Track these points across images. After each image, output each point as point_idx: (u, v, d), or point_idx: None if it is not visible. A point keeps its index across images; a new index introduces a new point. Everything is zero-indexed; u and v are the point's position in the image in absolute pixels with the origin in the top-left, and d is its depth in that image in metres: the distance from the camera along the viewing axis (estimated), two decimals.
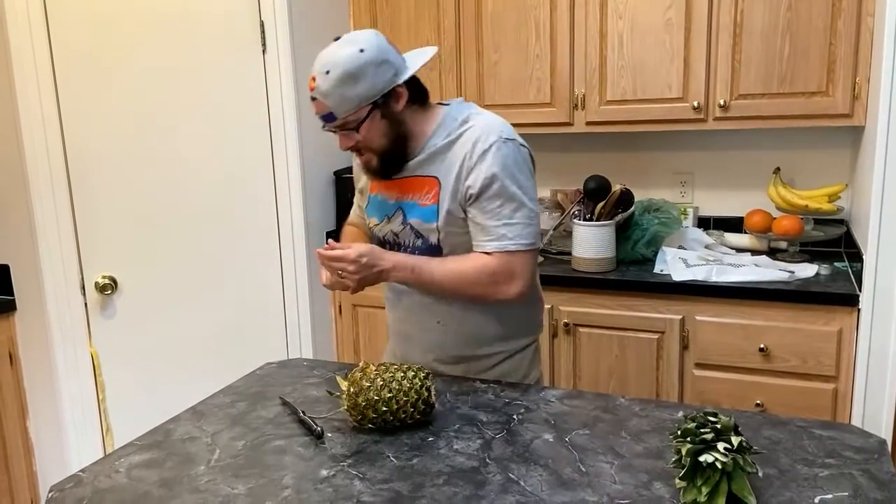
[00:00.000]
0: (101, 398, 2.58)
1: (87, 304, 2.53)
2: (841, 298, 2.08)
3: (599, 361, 2.40)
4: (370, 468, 1.18)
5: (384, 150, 1.49)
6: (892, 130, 1.92)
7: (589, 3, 2.47)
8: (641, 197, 2.63)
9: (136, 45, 2.40)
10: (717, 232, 2.68)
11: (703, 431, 1.03)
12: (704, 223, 2.76)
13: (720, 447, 0.99)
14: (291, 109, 2.48)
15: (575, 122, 2.58)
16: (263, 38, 2.45)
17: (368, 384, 1.27)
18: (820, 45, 2.24)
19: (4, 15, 2.32)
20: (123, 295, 2.53)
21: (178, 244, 2.52)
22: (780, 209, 2.51)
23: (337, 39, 1.42)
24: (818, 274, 2.27)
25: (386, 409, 1.27)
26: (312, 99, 1.43)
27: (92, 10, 2.36)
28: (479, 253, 1.48)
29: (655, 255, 2.49)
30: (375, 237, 1.63)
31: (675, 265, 2.36)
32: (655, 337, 2.32)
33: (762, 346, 2.17)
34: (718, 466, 0.98)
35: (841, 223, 2.55)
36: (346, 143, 1.48)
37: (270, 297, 2.60)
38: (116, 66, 2.41)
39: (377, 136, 1.46)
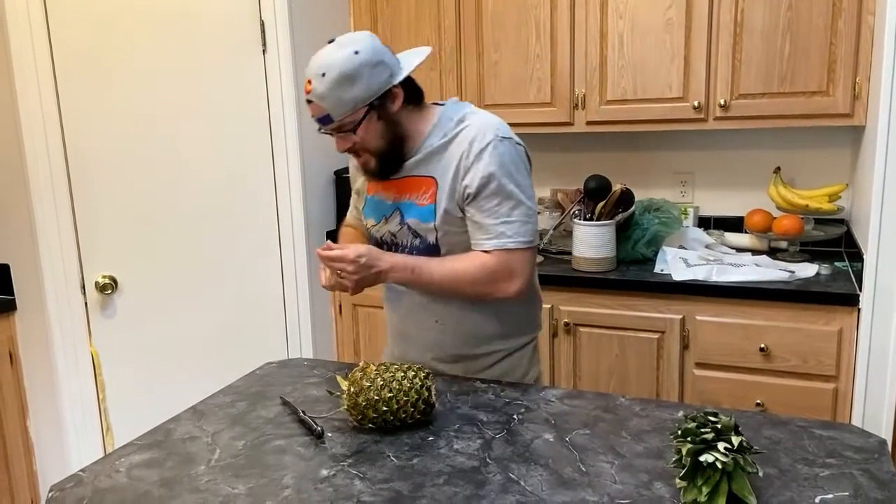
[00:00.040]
0: (101, 398, 2.58)
1: (87, 303, 2.53)
2: (841, 298, 2.08)
3: (600, 361, 2.40)
4: (370, 468, 1.18)
5: (381, 151, 1.49)
6: (892, 130, 1.91)
7: (589, 2, 2.47)
8: (642, 196, 2.63)
9: (136, 44, 2.40)
10: (717, 232, 2.68)
11: (703, 431, 1.03)
12: (705, 223, 2.76)
13: (720, 447, 0.99)
14: (292, 109, 2.48)
15: (575, 121, 2.58)
16: (264, 37, 2.45)
17: (369, 384, 1.27)
18: (820, 44, 2.24)
19: (5, 15, 2.32)
20: (123, 294, 2.53)
21: (178, 244, 2.52)
22: (780, 209, 2.50)
23: (331, 42, 1.42)
24: (818, 274, 2.27)
25: (386, 408, 1.27)
26: (308, 102, 1.43)
27: (92, 9, 2.36)
28: (477, 252, 1.48)
29: (656, 254, 2.49)
30: (373, 238, 1.63)
31: (675, 265, 2.36)
32: (656, 337, 2.32)
33: (762, 345, 2.17)
34: (719, 466, 0.98)
35: (841, 223, 2.55)
36: (343, 145, 1.48)
37: (271, 296, 2.60)
38: (117, 65, 2.41)
39: (374, 137, 1.46)
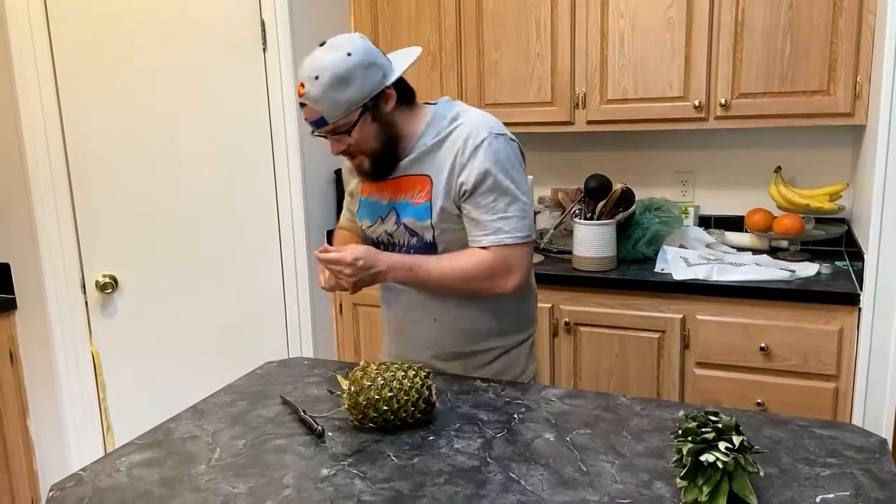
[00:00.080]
0: (101, 397, 2.58)
1: (87, 302, 2.53)
2: (842, 297, 2.08)
3: (600, 360, 2.40)
4: (371, 467, 1.17)
5: (376, 151, 1.49)
6: (893, 129, 1.91)
7: (590, 1, 2.47)
8: (642, 196, 2.63)
9: (136, 43, 2.40)
10: (717, 231, 2.68)
11: (704, 431, 1.03)
12: (705, 222, 2.76)
13: (721, 446, 0.99)
14: (292, 108, 2.48)
15: (576, 121, 2.58)
16: (264, 36, 2.44)
17: (369, 383, 1.27)
18: (821, 43, 2.24)
19: (5, 15, 2.32)
20: (124, 294, 2.53)
21: (178, 243, 2.52)
22: (781, 208, 2.50)
23: (322, 45, 1.42)
24: (819, 273, 2.27)
25: (387, 408, 1.27)
26: (301, 105, 1.43)
27: (92, 8, 2.36)
28: (475, 248, 1.49)
29: (656, 254, 2.49)
30: (369, 239, 1.63)
31: (675, 264, 2.36)
32: (656, 336, 2.31)
33: (763, 345, 2.16)
34: (719, 466, 0.98)
35: (842, 222, 2.55)
36: (337, 147, 1.49)
37: (271, 295, 2.60)
38: (117, 64, 2.40)
39: (369, 138, 1.47)
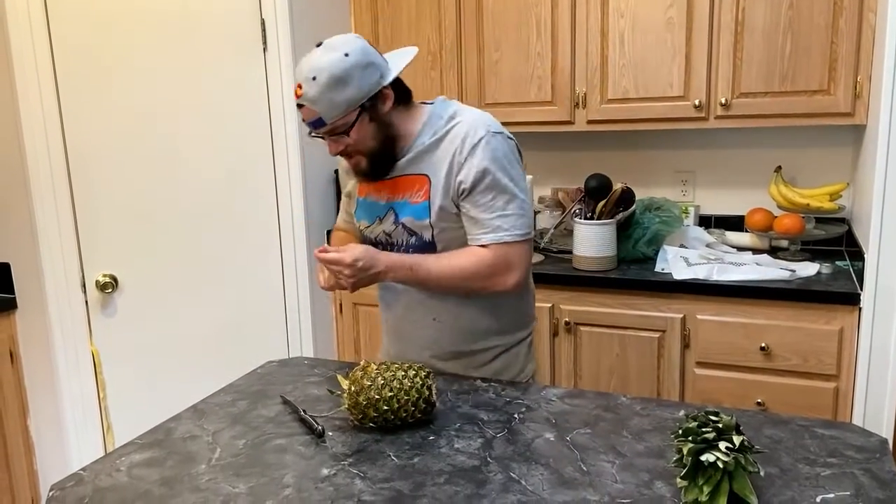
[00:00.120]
0: (101, 396, 2.58)
1: (87, 302, 2.53)
2: (842, 297, 2.08)
3: (600, 360, 2.40)
4: (371, 467, 1.17)
5: (373, 152, 1.49)
6: (893, 129, 1.91)
7: (590, 1, 2.47)
8: (642, 195, 2.63)
9: (136, 43, 2.40)
10: (718, 230, 2.68)
11: (704, 430, 1.03)
12: (705, 222, 2.76)
13: (722, 446, 0.99)
14: (292, 107, 2.48)
15: (576, 120, 2.58)
16: (264, 36, 2.44)
17: (369, 383, 1.27)
18: (821, 43, 2.24)
19: (5, 14, 2.32)
20: (124, 293, 2.53)
21: (178, 243, 2.52)
22: (781, 208, 2.50)
23: (319, 45, 1.42)
24: (819, 273, 2.27)
25: (387, 407, 1.27)
26: (299, 106, 1.43)
27: (92, 8, 2.36)
28: (474, 246, 1.49)
29: (656, 253, 2.49)
30: (367, 239, 1.63)
31: (676, 264, 2.36)
32: (656, 336, 2.31)
33: (763, 344, 2.16)
34: (720, 466, 0.98)
35: (842, 222, 2.55)
36: (335, 148, 1.49)
37: (271, 295, 2.60)
38: (117, 64, 2.40)
39: (366, 138, 1.47)
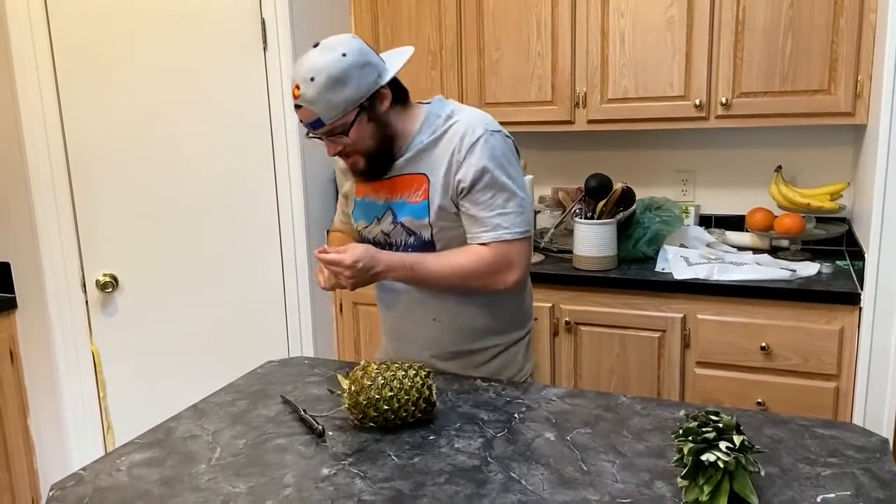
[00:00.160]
0: (101, 396, 2.58)
1: (87, 301, 2.53)
2: (843, 297, 2.08)
3: (601, 360, 2.40)
4: (371, 467, 1.17)
5: (372, 151, 1.49)
6: (893, 129, 1.91)
7: (590, 0, 2.46)
8: (643, 195, 2.63)
9: (137, 42, 2.39)
10: (718, 230, 2.67)
11: (704, 430, 1.03)
12: (706, 221, 2.76)
13: (722, 446, 0.99)
14: (292, 107, 2.47)
15: (576, 120, 2.58)
16: (264, 35, 2.44)
17: (369, 382, 1.27)
18: (822, 42, 2.24)
19: (5, 13, 2.32)
20: (124, 293, 2.53)
21: (179, 242, 2.52)
22: (781, 207, 2.50)
23: (316, 46, 1.42)
24: (820, 272, 2.26)
25: (387, 407, 1.27)
26: (297, 107, 1.43)
27: (92, 7, 2.36)
28: (474, 245, 1.50)
29: (657, 253, 2.49)
30: (365, 239, 1.63)
31: (676, 263, 2.35)
32: (657, 335, 2.31)
33: (763, 344, 2.16)
34: (720, 465, 0.98)
35: (843, 221, 2.55)
36: (333, 148, 1.49)
37: (271, 295, 2.60)
38: (117, 63, 2.40)
39: (365, 138, 1.47)
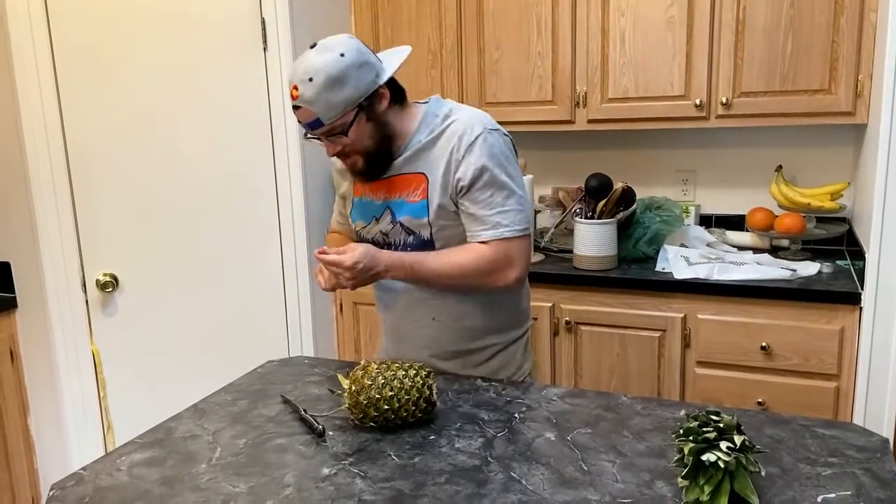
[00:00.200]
0: (102, 396, 2.58)
1: (88, 301, 2.53)
2: (843, 297, 2.08)
3: (601, 360, 2.39)
4: (371, 467, 1.17)
5: (370, 151, 1.50)
6: (894, 128, 1.91)
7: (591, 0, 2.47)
8: (643, 195, 2.63)
9: (137, 42, 2.39)
10: (718, 230, 2.67)
11: (705, 430, 1.03)
12: (706, 221, 2.76)
13: (723, 446, 0.99)
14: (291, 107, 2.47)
15: (576, 119, 2.57)
16: (265, 35, 2.44)
17: (370, 382, 1.27)
18: (822, 42, 2.23)
19: (5, 13, 2.32)
20: (124, 292, 2.53)
21: (179, 242, 2.52)
22: (782, 207, 2.50)
23: (313, 47, 1.43)
24: (820, 272, 2.26)
25: (387, 407, 1.27)
26: (295, 108, 1.43)
27: (93, 6, 2.36)
28: (474, 243, 1.50)
29: (657, 253, 2.49)
30: (363, 239, 1.63)
31: (676, 263, 2.35)
32: (657, 335, 2.31)
33: (764, 344, 2.16)
34: (721, 465, 0.97)
35: (843, 221, 2.55)
36: (333, 149, 1.49)
37: (271, 294, 2.60)
38: (117, 63, 2.40)
39: (364, 138, 1.47)
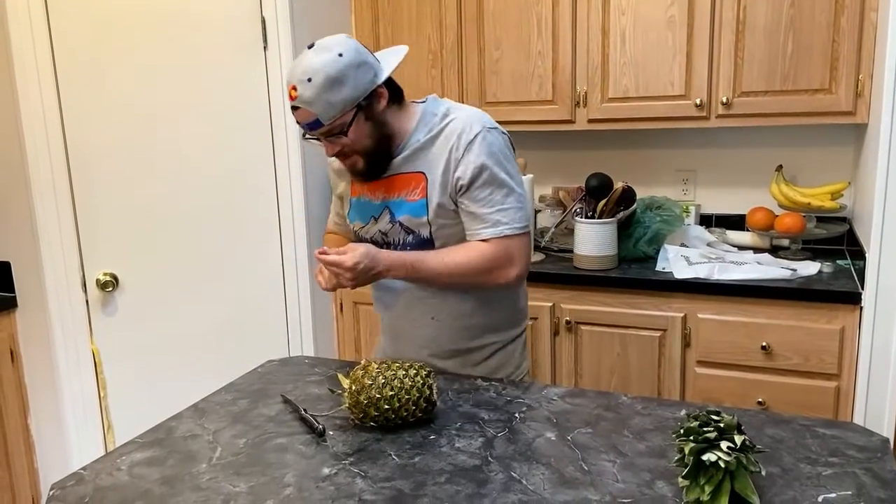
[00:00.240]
0: (102, 395, 2.58)
1: (88, 300, 2.53)
2: (843, 296, 2.08)
3: (601, 359, 2.39)
4: (372, 466, 1.17)
5: (370, 151, 1.50)
6: (895, 128, 1.91)
7: None
8: (643, 194, 2.63)
9: (137, 41, 2.39)
10: (719, 230, 2.67)
11: (705, 430, 1.02)
12: (706, 221, 2.76)
13: (723, 446, 0.99)
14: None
15: (577, 119, 2.57)
16: (265, 34, 2.44)
17: (370, 382, 1.27)
18: (823, 41, 2.23)
19: (6, 12, 2.31)
20: (125, 292, 2.53)
21: (179, 241, 2.52)
22: (782, 207, 2.50)
23: (310, 47, 1.42)
24: (820, 272, 2.26)
25: (388, 407, 1.27)
26: (294, 109, 1.43)
27: (93, 6, 2.35)
28: (475, 241, 1.50)
29: (657, 252, 2.49)
30: (361, 239, 1.63)
31: (677, 263, 2.35)
32: (657, 335, 2.31)
33: (764, 344, 2.16)
34: (721, 465, 0.97)
35: (843, 221, 2.55)
36: (332, 149, 1.49)
37: (272, 294, 2.60)
38: (118, 62, 2.40)
39: (363, 137, 1.47)
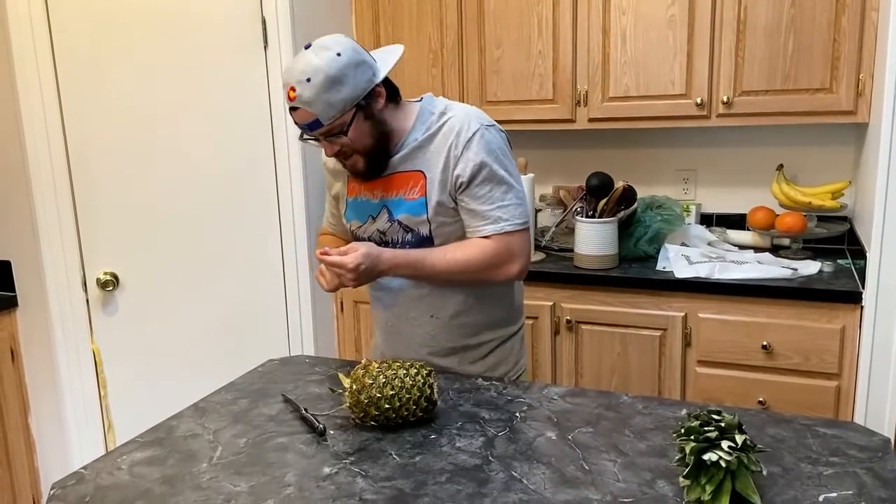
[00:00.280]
0: (102, 395, 2.58)
1: (88, 300, 2.53)
2: (844, 296, 2.08)
3: (602, 359, 2.39)
4: (372, 466, 1.17)
5: (369, 150, 1.50)
6: (895, 127, 1.91)
7: None
8: (644, 194, 2.63)
9: (138, 41, 2.39)
10: (719, 229, 2.67)
11: (706, 430, 1.02)
12: (707, 220, 2.76)
13: (724, 445, 0.99)
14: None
15: (577, 118, 2.57)
16: (265, 34, 2.44)
17: (371, 381, 1.27)
18: (824, 41, 2.23)
19: (6, 13, 2.31)
20: (125, 291, 2.53)
21: (180, 241, 2.52)
22: (783, 206, 2.50)
23: (308, 47, 1.42)
24: (821, 271, 2.26)
25: (388, 406, 1.27)
26: (293, 109, 1.42)
27: (93, 6, 2.35)
28: (475, 238, 1.51)
29: (658, 252, 2.49)
30: (359, 239, 1.62)
31: (677, 262, 2.35)
32: (658, 334, 2.31)
33: (765, 343, 2.16)
34: (722, 465, 0.97)
35: (844, 220, 2.55)
36: (332, 149, 1.49)
37: (272, 293, 2.60)
38: (118, 62, 2.40)
39: (363, 137, 1.47)
